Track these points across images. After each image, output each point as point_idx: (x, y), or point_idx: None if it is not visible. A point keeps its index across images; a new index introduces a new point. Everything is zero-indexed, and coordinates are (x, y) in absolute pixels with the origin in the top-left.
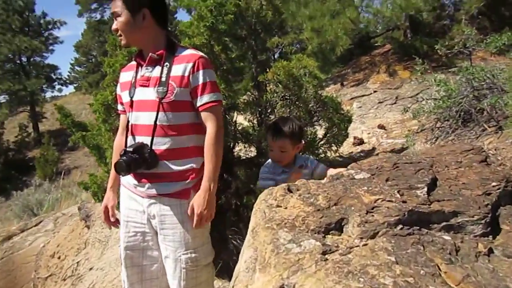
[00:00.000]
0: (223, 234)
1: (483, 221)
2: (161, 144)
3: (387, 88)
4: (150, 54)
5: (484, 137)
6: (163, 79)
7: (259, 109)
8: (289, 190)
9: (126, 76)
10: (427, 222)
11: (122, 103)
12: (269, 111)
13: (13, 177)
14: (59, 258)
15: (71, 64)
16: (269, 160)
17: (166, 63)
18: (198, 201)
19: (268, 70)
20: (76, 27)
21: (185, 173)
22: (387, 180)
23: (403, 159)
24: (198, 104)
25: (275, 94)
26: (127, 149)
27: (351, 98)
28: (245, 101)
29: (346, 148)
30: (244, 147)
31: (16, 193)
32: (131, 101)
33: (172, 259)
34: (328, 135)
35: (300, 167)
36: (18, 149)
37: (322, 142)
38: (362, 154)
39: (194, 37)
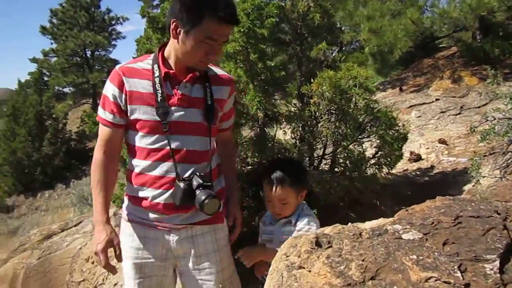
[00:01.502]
0: None
1: None
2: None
3: (451, 96)
4: (193, 70)
5: None
6: (209, 102)
7: (301, 123)
8: (318, 244)
9: (139, 85)
10: None
11: (118, 114)
12: (312, 126)
13: (73, 166)
14: (92, 263)
15: (133, 58)
16: None
17: (207, 83)
18: (238, 212)
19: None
20: (140, 22)
21: (218, 193)
22: (444, 244)
23: (468, 208)
24: (225, 126)
25: (320, 108)
26: (193, 184)
27: (410, 106)
28: (287, 113)
29: (401, 164)
30: None
31: (75, 182)
32: (167, 122)
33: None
34: (379, 153)
35: (285, 223)
36: (79, 139)
37: (372, 162)
38: (418, 172)
39: (226, 43)
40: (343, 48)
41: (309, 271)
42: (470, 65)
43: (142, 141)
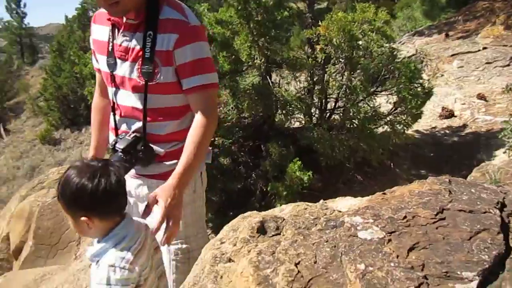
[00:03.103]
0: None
1: None
2: (154, 130)
3: (501, 45)
4: (125, 19)
5: None
6: (147, 54)
7: (311, 71)
8: (262, 230)
9: (100, 32)
10: None
11: (97, 61)
12: (319, 76)
13: None
14: None
15: None
16: None
17: (149, 32)
18: (167, 190)
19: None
20: None
21: (177, 152)
22: (411, 249)
23: (461, 198)
24: (186, 86)
25: (327, 55)
26: (117, 146)
27: (453, 55)
28: (291, 60)
29: (430, 120)
30: (287, 117)
31: None
32: (111, 75)
33: (163, 250)
34: (397, 110)
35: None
36: None
37: (388, 119)
38: (447, 131)
39: None
40: None
41: (234, 272)
42: None
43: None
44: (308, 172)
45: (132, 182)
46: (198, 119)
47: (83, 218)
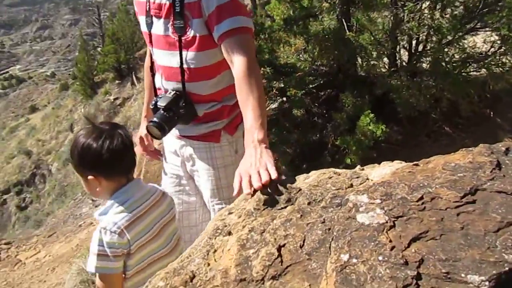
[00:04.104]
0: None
1: None
2: (192, 90)
3: None
4: None
5: None
6: (177, 8)
7: (394, 8)
8: (270, 201)
9: None
10: None
11: (139, 22)
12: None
13: None
14: None
15: None
16: None
17: None
18: (245, 165)
19: None
20: None
21: (215, 113)
22: (413, 241)
23: (507, 174)
24: (215, 36)
25: None
26: (158, 104)
27: None
28: None
29: None
30: (365, 64)
31: None
32: (149, 34)
33: (208, 209)
34: (496, 51)
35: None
36: None
37: (485, 62)
38: None
39: None
40: None
41: (226, 251)
42: None
43: None
44: (381, 125)
45: (176, 143)
46: (239, 66)
47: (90, 177)
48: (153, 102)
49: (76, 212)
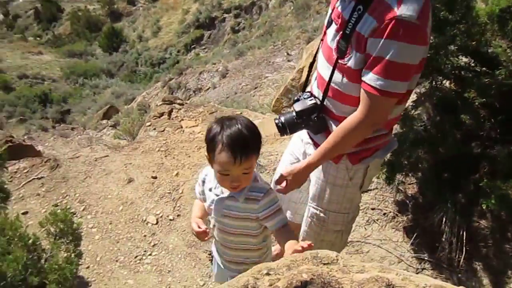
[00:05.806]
0: (440, 197)
1: None
2: (331, 106)
3: None
4: None
5: None
6: (348, 30)
7: None
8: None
9: None
10: None
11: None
12: None
13: None
14: None
15: None
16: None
17: (359, 6)
18: (298, 167)
19: None
20: None
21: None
22: None
23: None
24: (361, 77)
25: None
26: (295, 105)
27: None
28: None
29: None
30: None
31: None
32: (325, 32)
33: (307, 204)
34: None
35: (250, 199)
36: None
37: None
38: None
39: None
40: None
41: None
42: None
43: None
44: None
45: (305, 136)
46: (354, 115)
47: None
48: (294, 98)
49: (271, 60)
